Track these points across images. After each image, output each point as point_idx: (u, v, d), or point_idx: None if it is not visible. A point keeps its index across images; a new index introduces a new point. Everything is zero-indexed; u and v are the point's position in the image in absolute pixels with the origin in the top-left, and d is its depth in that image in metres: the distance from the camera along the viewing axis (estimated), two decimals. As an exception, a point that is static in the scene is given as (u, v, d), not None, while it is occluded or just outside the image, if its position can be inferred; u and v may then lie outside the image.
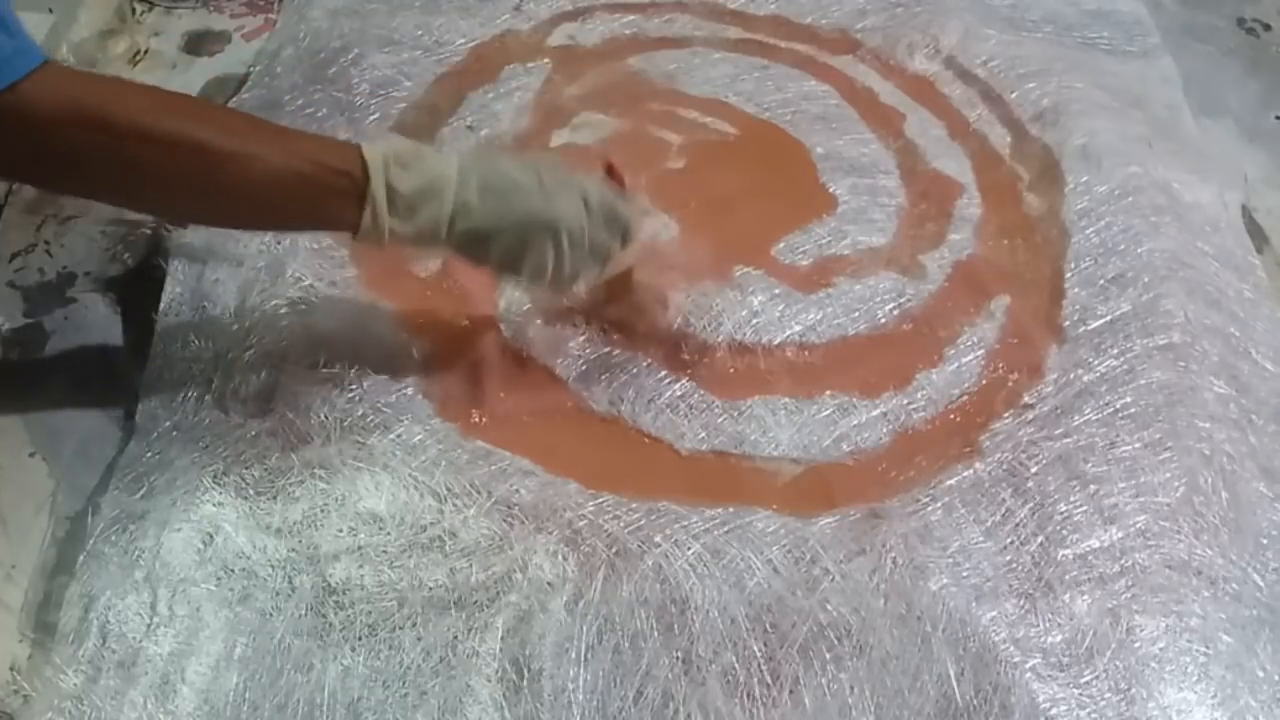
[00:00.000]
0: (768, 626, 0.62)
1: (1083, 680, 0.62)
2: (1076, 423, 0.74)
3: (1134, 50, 1.08)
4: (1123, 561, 0.67)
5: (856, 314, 0.81)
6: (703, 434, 0.73)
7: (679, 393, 0.75)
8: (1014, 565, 0.67)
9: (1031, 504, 0.70)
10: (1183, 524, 0.69)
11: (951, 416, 0.76)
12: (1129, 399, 0.75)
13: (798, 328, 0.79)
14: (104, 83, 0.61)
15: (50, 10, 0.98)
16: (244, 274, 0.79)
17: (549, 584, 0.64)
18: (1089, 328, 0.80)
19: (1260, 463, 0.75)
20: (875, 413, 0.75)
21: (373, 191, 0.62)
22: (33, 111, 0.56)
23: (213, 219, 0.70)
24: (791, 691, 0.60)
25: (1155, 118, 0.99)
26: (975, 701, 0.60)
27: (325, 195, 0.62)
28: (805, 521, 0.68)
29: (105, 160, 0.59)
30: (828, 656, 0.61)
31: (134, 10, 1.05)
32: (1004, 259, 0.87)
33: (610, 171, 0.69)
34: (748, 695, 0.60)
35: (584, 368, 0.76)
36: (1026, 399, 0.76)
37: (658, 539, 0.65)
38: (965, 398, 0.77)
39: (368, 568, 0.64)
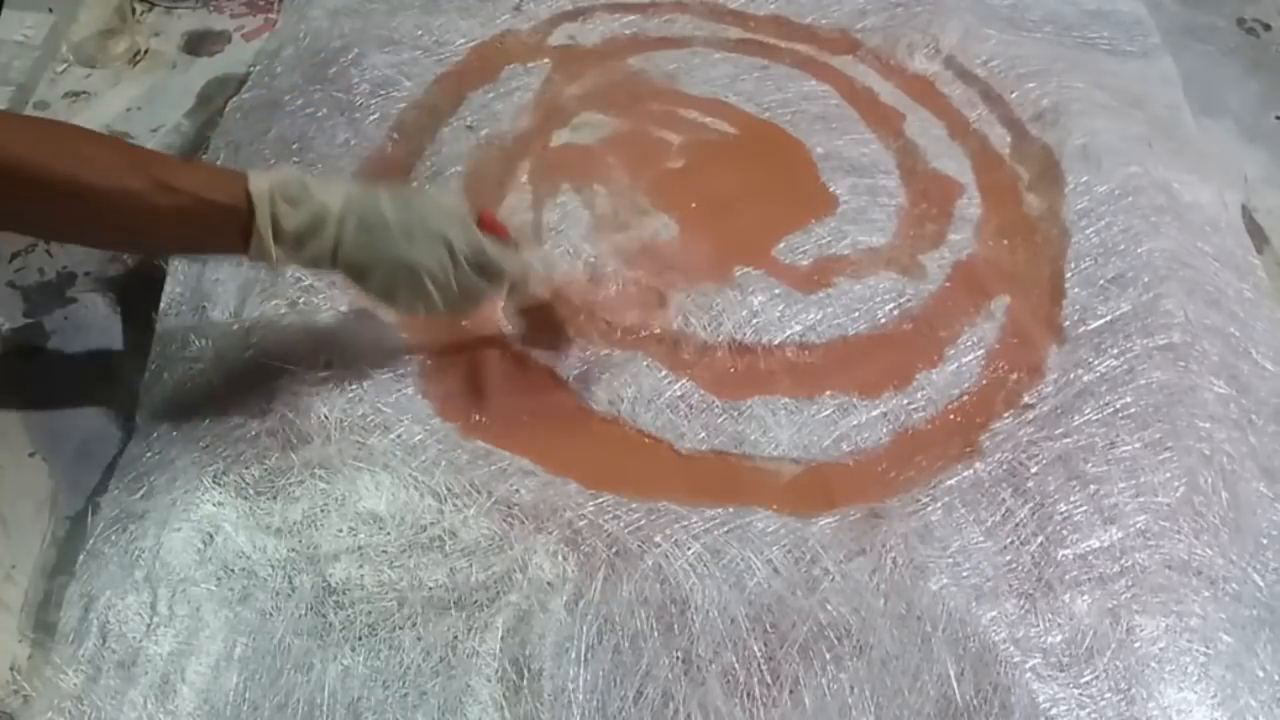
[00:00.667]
0: (768, 626, 0.62)
1: (1083, 680, 0.62)
2: (1076, 423, 0.74)
3: (1134, 50, 1.08)
4: (1123, 561, 0.67)
5: (856, 314, 0.81)
6: (703, 434, 0.73)
7: (679, 393, 0.75)
8: (1014, 565, 0.67)
9: (1031, 504, 0.70)
10: (1183, 524, 0.69)
11: (951, 416, 0.76)
12: (1129, 399, 0.75)
13: (798, 328, 0.79)
14: None
15: (50, 10, 0.98)
16: (244, 274, 0.79)
17: (549, 584, 0.64)
18: (1089, 328, 0.80)
19: (1260, 463, 0.75)
20: (875, 413, 0.75)
21: (258, 227, 0.62)
22: None
23: (97, 246, 0.74)
24: (791, 691, 0.60)
25: (1155, 118, 0.99)
26: (975, 701, 0.61)
27: (210, 231, 0.63)
28: (805, 521, 0.68)
29: None
30: (828, 656, 0.61)
31: (134, 10, 1.05)
32: (1004, 259, 0.87)
33: (484, 222, 0.69)
34: (748, 695, 0.60)
35: (584, 368, 0.76)
36: (1026, 399, 0.76)
37: (658, 539, 0.65)
38: (965, 398, 0.77)
39: (368, 568, 0.64)
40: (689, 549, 0.65)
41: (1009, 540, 0.68)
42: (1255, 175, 0.99)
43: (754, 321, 0.79)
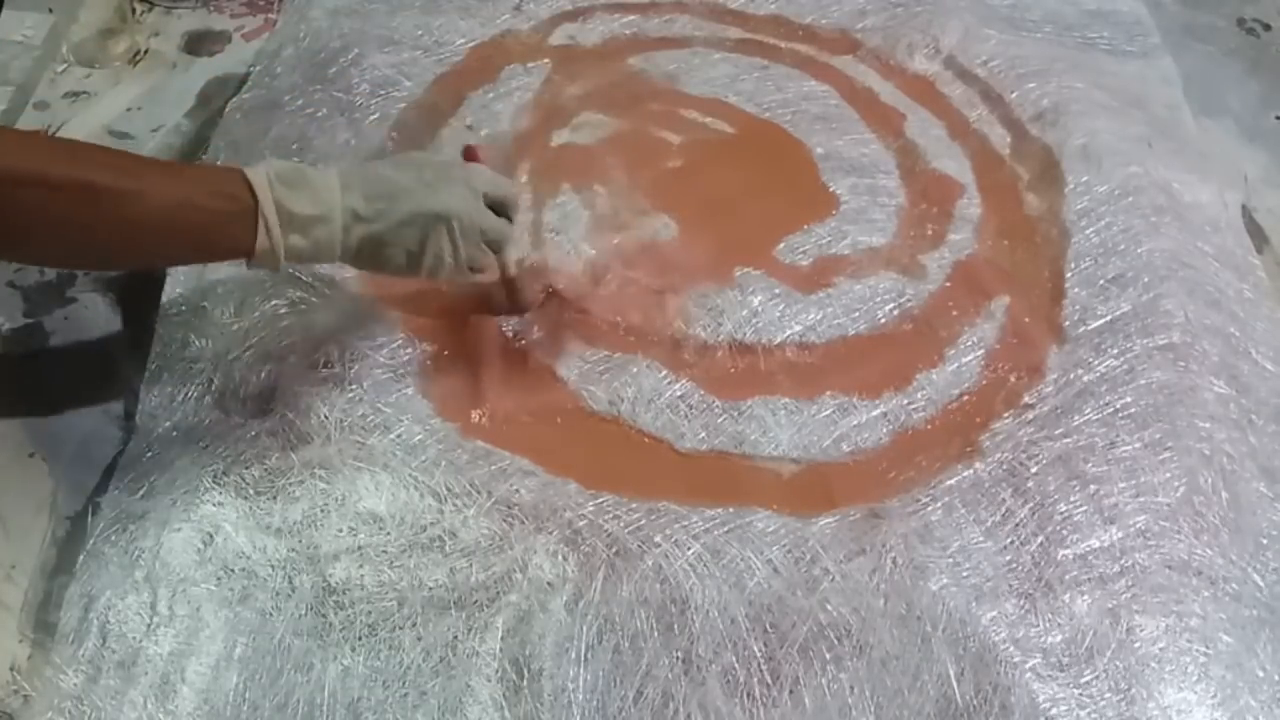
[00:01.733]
0: (768, 626, 0.62)
1: (1083, 680, 0.62)
2: (1076, 423, 0.74)
3: (1134, 50, 1.08)
4: (1123, 561, 0.67)
5: (856, 314, 0.81)
6: (703, 434, 0.73)
7: (679, 393, 0.75)
8: (1014, 565, 0.67)
9: (1031, 504, 0.70)
10: (1183, 524, 0.69)
11: (951, 416, 0.76)
12: (1129, 399, 0.75)
13: (798, 328, 0.79)
14: None
15: (50, 10, 0.98)
16: (244, 274, 0.79)
17: (549, 584, 0.64)
18: (1089, 328, 0.80)
19: (1260, 463, 0.75)
20: (875, 413, 0.75)
21: (263, 211, 0.61)
22: None
23: (105, 261, 0.69)
24: (791, 691, 0.60)
25: (1155, 118, 0.99)
26: (975, 701, 0.60)
27: (219, 220, 0.62)
28: (805, 521, 0.68)
29: None
30: (828, 656, 0.61)
31: (134, 10, 1.05)
32: (1004, 259, 0.87)
33: (470, 154, 0.72)
34: (748, 695, 0.60)
35: (584, 368, 0.76)
36: (1026, 399, 0.76)
37: (658, 539, 0.65)
38: (965, 398, 0.77)
39: (368, 568, 0.64)
40: (689, 549, 0.65)
41: (1009, 540, 0.68)
42: (1255, 175, 0.99)
43: (754, 321, 0.79)
